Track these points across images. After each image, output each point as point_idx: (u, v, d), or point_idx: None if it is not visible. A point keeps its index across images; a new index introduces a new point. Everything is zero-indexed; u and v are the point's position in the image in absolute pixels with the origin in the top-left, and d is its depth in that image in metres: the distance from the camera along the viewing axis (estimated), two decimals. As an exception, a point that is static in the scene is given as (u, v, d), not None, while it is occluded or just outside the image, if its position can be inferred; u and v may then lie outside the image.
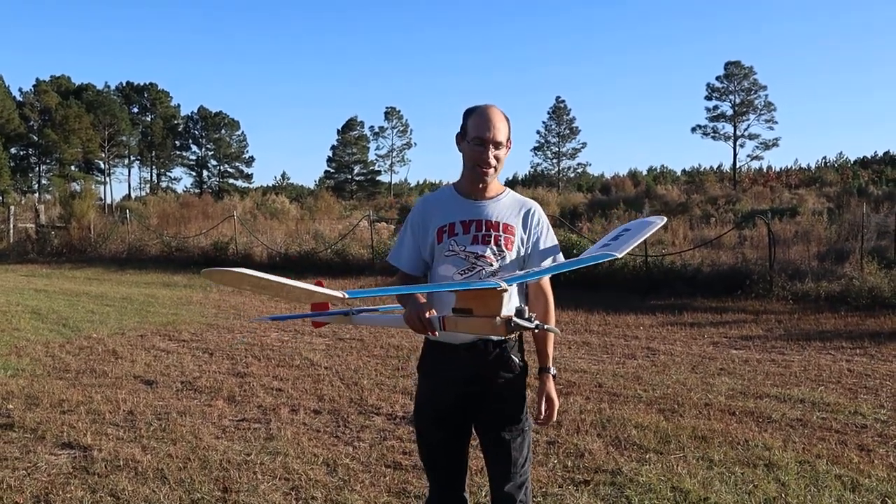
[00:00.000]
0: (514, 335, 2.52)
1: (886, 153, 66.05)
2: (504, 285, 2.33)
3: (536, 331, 2.39)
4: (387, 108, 79.68)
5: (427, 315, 2.40)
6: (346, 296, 2.15)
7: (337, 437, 5.09)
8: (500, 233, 2.65)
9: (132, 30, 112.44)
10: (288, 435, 5.09)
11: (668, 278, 12.63)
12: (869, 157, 66.59)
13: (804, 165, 65.33)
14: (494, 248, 2.63)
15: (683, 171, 74.03)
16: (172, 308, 11.38)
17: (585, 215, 23.96)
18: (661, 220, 3.01)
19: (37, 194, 69.69)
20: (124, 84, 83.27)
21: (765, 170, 62.59)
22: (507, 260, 2.64)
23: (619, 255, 2.67)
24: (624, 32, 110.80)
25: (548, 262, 2.70)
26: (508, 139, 2.66)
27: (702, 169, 71.39)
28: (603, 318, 10.13)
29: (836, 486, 4.19)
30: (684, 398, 6.03)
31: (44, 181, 76.98)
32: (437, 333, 2.45)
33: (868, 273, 11.44)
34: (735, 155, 63.73)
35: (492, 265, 2.62)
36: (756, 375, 6.89)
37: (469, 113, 2.65)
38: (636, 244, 2.82)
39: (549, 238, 2.75)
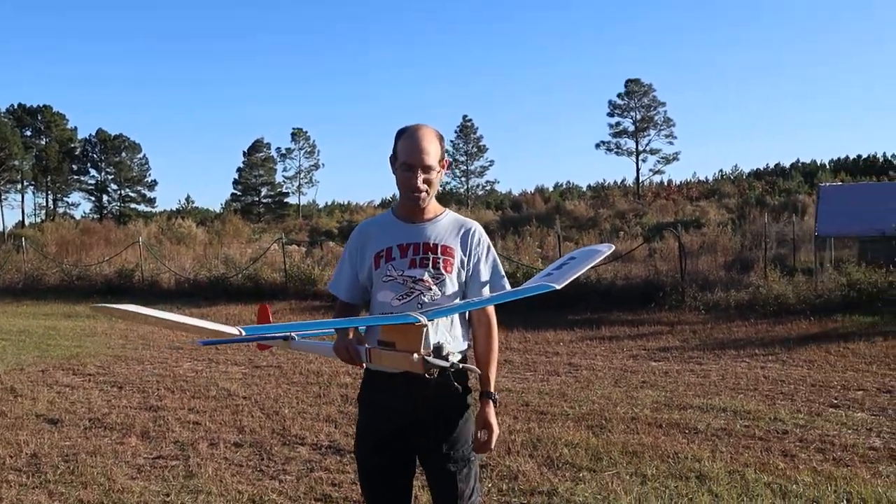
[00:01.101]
0: (455, 362, 2.35)
1: (777, 165, 69.32)
2: (423, 320, 2.22)
3: (452, 370, 2.24)
4: (293, 129, 78.55)
5: (355, 346, 2.29)
6: (243, 332, 2.00)
7: (261, 472, 4.86)
8: (439, 255, 2.54)
9: (25, 50, 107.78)
10: (209, 471, 4.82)
11: (583, 293, 12.77)
12: (762, 168, 69.68)
13: (703, 178, 67.76)
14: (432, 270, 2.52)
15: (589, 186, 75.74)
16: (76, 340, 10.80)
17: (498, 232, 24.12)
18: (607, 248, 2.91)
19: (-79, 223, 65.78)
20: (16, 106, 79.70)
21: (666, 183, 64.71)
22: (447, 283, 2.54)
23: (559, 287, 2.55)
24: (528, 50, 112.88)
25: (486, 289, 2.61)
26: (442, 160, 2.58)
27: (606, 184, 73.26)
28: (522, 335, 10.14)
29: (767, 495, 4.24)
30: (611, 413, 6.04)
31: (-72, 209, 72.71)
32: (363, 365, 2.35)
33: (772, 281, 11.87)
34: (638, 170, 65.71)
35: (430, 289, 2.51)
36: (678, 386, 6.99)
37: (399, 135, 2.56)
38: (580, 273, 2.70)
39: (490, 260, 2.66)
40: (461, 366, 2.26)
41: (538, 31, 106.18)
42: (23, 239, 23.05)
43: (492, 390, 2.61)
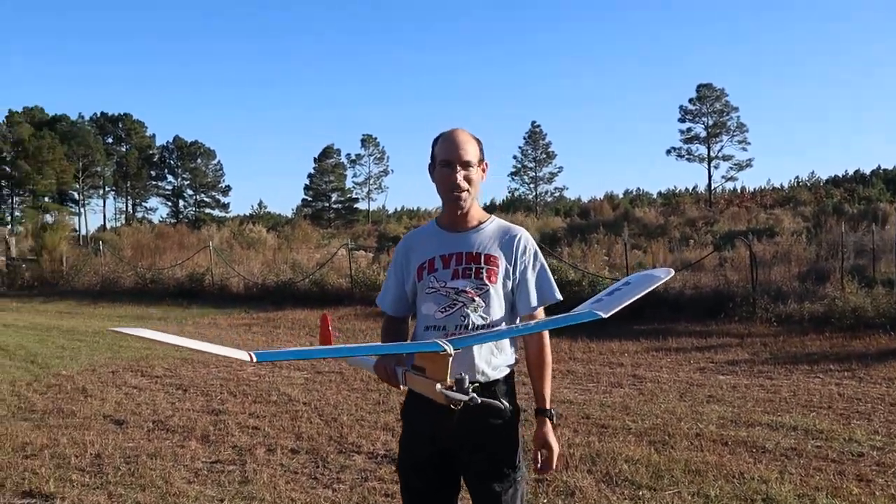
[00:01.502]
0: (475, 396, 2.15)
1: (857, 171, 67.00)
2: (448, 349, 2.13)
3: (471, 404, 2.12)
4: (363, 135, 79.65)
5: (393, 367, 2.23)
6: (255, 359, 1.96)
7: (315, 479, 4.85)
8: (482, 264, 2.46)
9: (106, 60, 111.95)
10: (264, 478, 4.84)
11: (650, 302, 12.48)
12: (840, 175, 67.50)
13: (777, 185, 66.03)
14: (476, 281, 2.44)
15: (660, 193, 74.67)
16: (146, 342, 11.05)
17: (565, 240, 23.88)
18: (666, 274, 2.73)
19: (9, 226, 68.83)
20: (99, 115, 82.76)
21: (739, 190, 63.23)
22: (491, 293, 2.45)
23: (605, 316, 2.43)
24: (597, 56, 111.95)
25: (535, 299, 2.52)
26: (481, 160, 2.51)
27: (677, 191, 72.03)
28: (586, 345, 9.96)
29: (838, 521, 4.02)
30: (674, 428, 5.85)
31: (17, 213, 76.05)
32: (400, 387, 2.30)
33: (850, 293, 11.38)
34: (710, 176, 64.36)
35: (474, 300, 2.43)
36: (746, 402, 6.73)
37: (436, 140, 2.51)
38: (632, 301, 2.54)
39: (538, 268, 2.55)
40: (480, 401, 2.13)
41: (609, 35, 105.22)
42: (101, 243, 23.84)
43: (547, 406, 2.51)
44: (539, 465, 2.51)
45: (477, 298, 2.44)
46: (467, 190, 2.46)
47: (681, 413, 6.36)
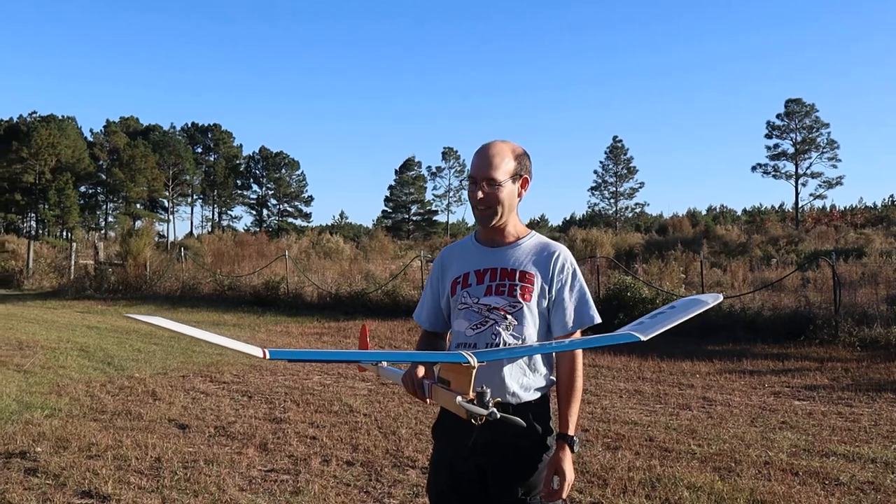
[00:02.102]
0: (495, 411, 2.07)
1: (958, 191, 63.72)
2: (473, 361, 2.06)
3: (491, 419, 2.03)
4: (444, 148, 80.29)
5: (419, 379, 2.16)
6: (267, 356, 1.92)
7: (367, 493, 4.82)
8: (517, 281, 2.37)
9: (197, 71, 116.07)
10: (315, 489, 4.83)
11: (726, 322, 12.10)
12: (939, 195, 64.35)
13: (870, 204, 63.43)
14: (509, 298, 2.35)
15: (744, 210, 72.60)
16: (218, 348, 11.25)
17: (641, 256, 23.39)
18: (713, 300, 2.63)
19: (103, 231, 71.82)
20: (189, 125, 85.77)
21: (828, 209, 60.94)
22: (525, 312, 2.35)
23: (644, 338, 2.32)
24: (679, 74, 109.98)
25: (571, 320, 2.41)
26: (518, 175, 2.39)
27: (763, 208, 69.94)
28: (657, 365, 9.69)
29: (914, 564, 3.75)
30: (742, 455, 5.60)
31: (111, 219, 79.35)
32: (427, 401, 2.22)
33: (942, 319, 10.78)
34: (797, 194, 62.31)
35: (506, 318, 2.34)
36: (821, 430, 6.40)
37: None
38: (673, 325, 2.44)
39: (577, 288, 2.44)
40: (500, 416, 2.04)
41: (692, 57, 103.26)
42: (182, 249, 24.57)
43: (570, 433, 2.36)
44: (549, 493, 2.35)
45: (509, 316, 2.35)
46: (491, 207, 2.36)
47: (750, 439, 6.09)
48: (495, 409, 2.03)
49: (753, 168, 63.98)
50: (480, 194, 2.34)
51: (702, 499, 4.66)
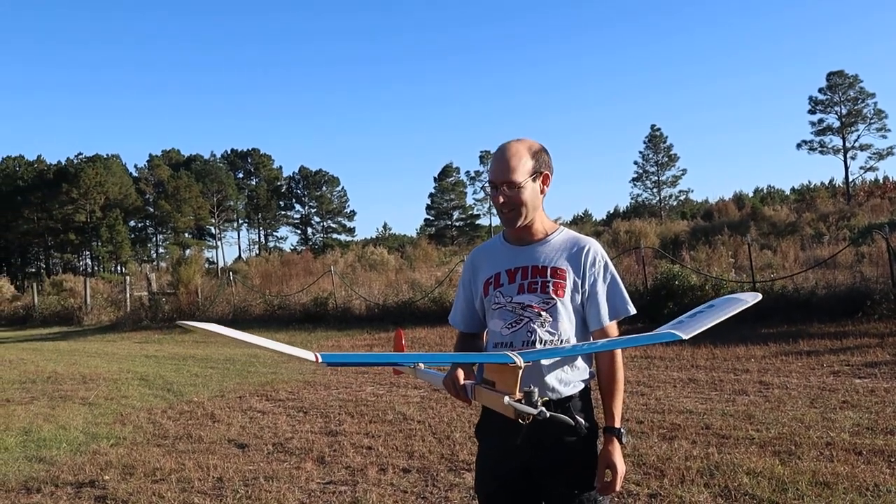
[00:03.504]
0: (544, 410, 2.08)
1: None
2: (518, 361, 2.06)
3: (540, 418, 2.04)
4: (481, 152, 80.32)
5: (462, 382, 2.17)
6: (320, 359, 1.96)
7: (424, 499, 4.85)
8: (549, 278, 2.36)
9: (232, 97, 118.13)
10: (373, 498, 4.88)
11: (779, 304, 11.88)
12: None
13: (925, 173, 61.69)
14: (542, 295, 2.35)
15: (792, 189, 71.17)
16: (272, 367, 11.46)
17: (687, 243, 23.07)
18: (752, 298, 2.59)
19: (154, 263, 73.37)
20: (229, 151, 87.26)
21: (881, 181, 59.40)
22: (559, 308, 2.35)
23: (685, 337, 2.30)
24: (715, 58, 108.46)
25: (606, 313, 2.40)
26: (538, 172, 2.38)
27: (812, 186, 68.50)
28: (710, 352, 9.56)
29: None
30: (802, 438, 5.50)
31: (161, 250, 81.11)
32: (470, 402, 2.24)
33: None
34: (847, 168, 61.01)
35: (540, 315, 2.34)
36: (884, 407, 6.26)
37: None
38: (714, 324, 2.43)
39: (609, 280, 2.43)
40: (549, 414, 2.05)
41: (724, 38, 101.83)
42: (231, 273, 24.97)
43: (617, 425, 2.35)
44: (602, 486, 2.35)
45: (544, 313, 2.35)
46: (515, 209, 2.36)
47: (810, 421, 5.98)
48: (544, 409, 2.04)
49: (798, 145, 62.92)
50: (502, 199, 2.34)
51: (762, 484, 4.59)
